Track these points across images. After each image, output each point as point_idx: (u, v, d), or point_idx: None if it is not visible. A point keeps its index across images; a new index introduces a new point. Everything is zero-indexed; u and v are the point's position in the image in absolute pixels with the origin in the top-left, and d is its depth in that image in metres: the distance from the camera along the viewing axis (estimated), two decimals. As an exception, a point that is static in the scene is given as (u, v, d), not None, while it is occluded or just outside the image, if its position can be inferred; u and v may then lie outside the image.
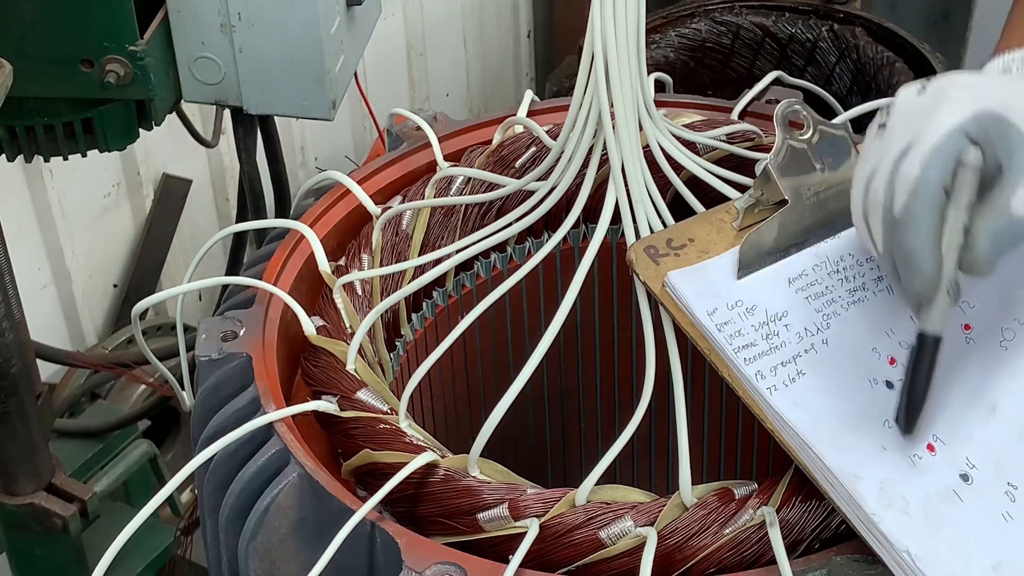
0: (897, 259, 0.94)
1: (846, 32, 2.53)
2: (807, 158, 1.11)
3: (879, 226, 0.96)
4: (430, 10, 3.14)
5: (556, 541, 1.00)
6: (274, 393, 1.09)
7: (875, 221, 0.96)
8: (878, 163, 0.97)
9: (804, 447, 0.99)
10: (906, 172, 0.94)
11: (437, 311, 1.32)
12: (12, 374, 1.59)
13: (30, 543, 1.78)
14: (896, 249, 0.94)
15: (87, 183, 2.43)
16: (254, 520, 1.02)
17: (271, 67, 1.51)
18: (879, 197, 0.95)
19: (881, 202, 0.95)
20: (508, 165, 1.31)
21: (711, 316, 1.05)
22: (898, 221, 0.94)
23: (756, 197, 1.12)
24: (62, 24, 1.43)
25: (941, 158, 0.93)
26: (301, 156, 2.94)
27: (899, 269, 0.95)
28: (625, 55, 1.10)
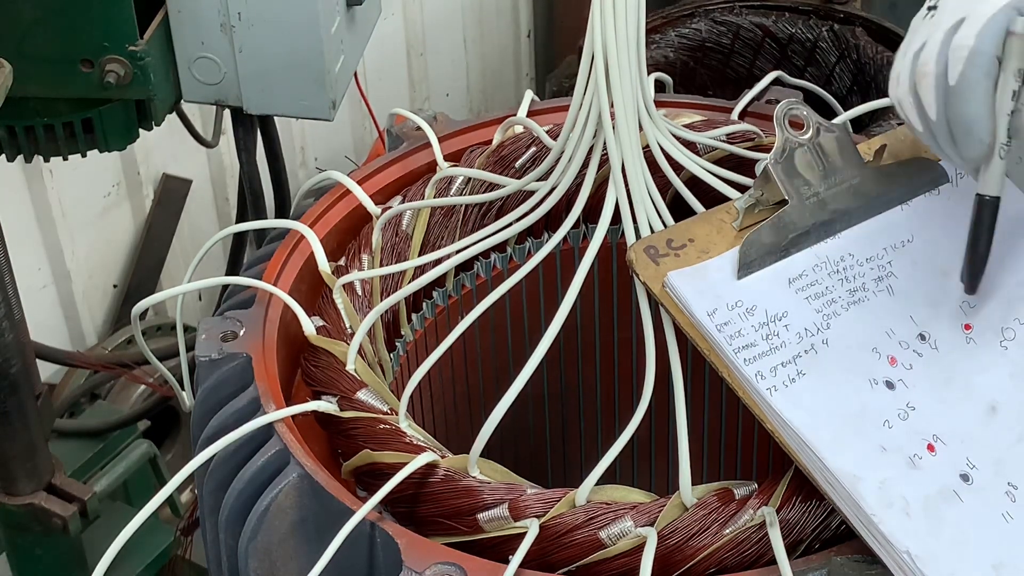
0: (954, 126, 0.99)
1: (846, 32, 2.53)
2: (807, 158, 1.11)
3: (931, 94, 0.99)
4: (430, 10, 3.14)
5: (556, 541, 1.00)
6: (274, 393, 1.09)
7: (926, 90, 1.00)
8: (928, 36, 1.01)
9: (804, 447, 0.99)
10: (960, 42, 0.98)
11: (437, 311, 1.32)
12: (12, 374, 1.60)
13: (30, 543, 1.78)
14: (953, 116, 0.99)
15: (87, 183, 2.43)
16: (254, 520, 1.02)
17: (271, 67, 1.51)
18: (931, 67, 0.99)
19: (933, 71, 0.99)
20: (508, 165, 1.31)
21: (711, 316, 1.05)
22: (954, 90, 0.98)
23: (756, 197, 1.11)
24: (62, 24, 1.43)
25: (994, 28, 0.97)
26: (301, 156, 2.94)
27: (955, 136, 0.99)
28: (625, 55, 1.10)
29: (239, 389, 1.10)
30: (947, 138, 1.00)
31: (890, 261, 1.10)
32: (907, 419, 1.01)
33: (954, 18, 1.00)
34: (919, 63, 1.01)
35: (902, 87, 1.03)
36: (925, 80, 1.00)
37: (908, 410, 1.02)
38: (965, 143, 0.99)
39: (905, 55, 1.04)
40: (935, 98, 0.99)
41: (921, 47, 1.01)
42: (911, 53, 1.03)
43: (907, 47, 1.04)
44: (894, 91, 1.05)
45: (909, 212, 1.12)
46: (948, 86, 0.98)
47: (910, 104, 1.03)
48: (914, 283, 1.09)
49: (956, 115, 0.98)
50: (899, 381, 1.03)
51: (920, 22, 1.04)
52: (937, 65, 0.99)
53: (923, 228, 1.11)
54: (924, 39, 1.02)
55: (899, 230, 1.12)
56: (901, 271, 1.09)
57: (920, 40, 1.02)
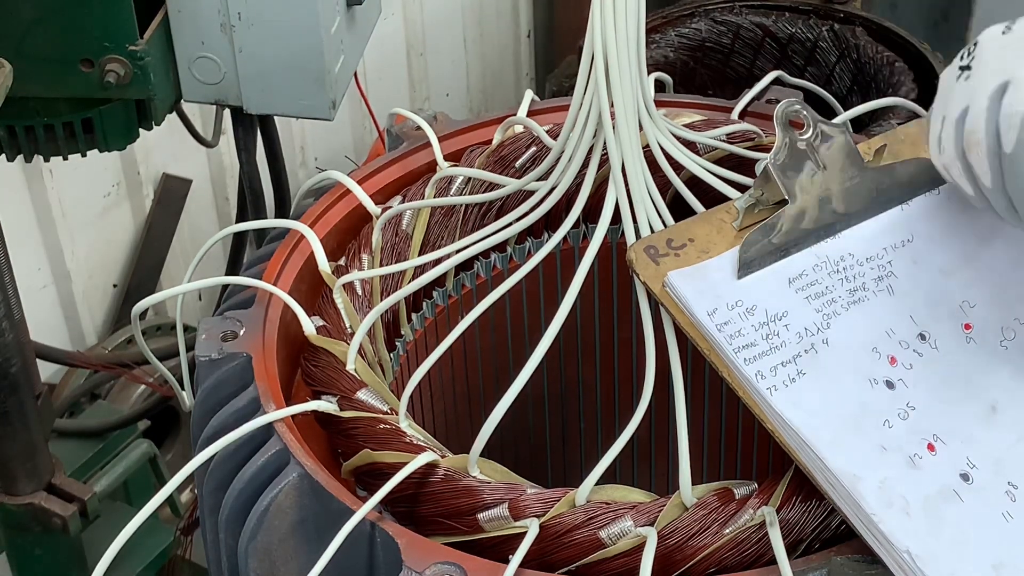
0: (1014, 194, 0.99)
1: (846, 32, 2.53)
2: (807, 158, 1.11)
3: (985, 164, 0.99)
4: (430, 10, 3.14)
5: (556, 541, 1.00)
6: (274, 393, 1.09)
7: (978, 159, 0.99)
8: (970, 102, 1.00)
9: (804, 447, 0.99)
10: (1011, 109, 0.97)
11: (437, 311, 1.32)
12: (12, 374, 1.60)
13: (30, 543, 1.78)
14: (1012, 185, 0.98)
15: (87, 183, 2.43)
16: (254, 520, 1.02)
17: (271, 67, 1.51)
18: (980, 135, 0.99)
19: (984, 140, 0.98)
20: (508, 165, 1.31)
21: (711, 316, 1.05)
22: (1011, 158, 0.97)
23: (756, 197, 1.11)
24: (62, 24, 1.43)
25: None
26: (301, 156, 2.94)
27: (1016, 203, 0.99)
28: (625, 55, 1.10)
29: (239, 389, 1.10)
30: (1007, 206, 1.00)
31: (890, 261, 1.10)
32: (907, 419, 1.01)
33: (996, 81, 0.99)
34: (967, 130, 1.00)
35: (947, 154, 1.02)
36: (977, 149, 0.99)
37: (908, 410, 1.02)
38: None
39: (945, 120, 1.03)
40: (989, 167, 0.99)
41: (963, 112, 1.00)
42: (952, 118, 1.01)
43: (944, 110, 1.03)
44: (938, 158, 1.04)
45: (909, 212, 1.12)
46: (1003, 153, 0.98)
47: (959, 171, 1.02)
48: (914, 283, 1.09)
49: (1015, 183, 0.98)
50: (899, 381, 1.03)
51: (954, 83, 1.03)
52: (987, 135, 0.98)
53: (923, 228, 1.11)
54: (966, 103, 1.00)
55: (899, 230, 1.12)
56: (901, 271, 1.09)
57: (960, 105, 1.01)
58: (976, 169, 1.00)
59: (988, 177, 0.99)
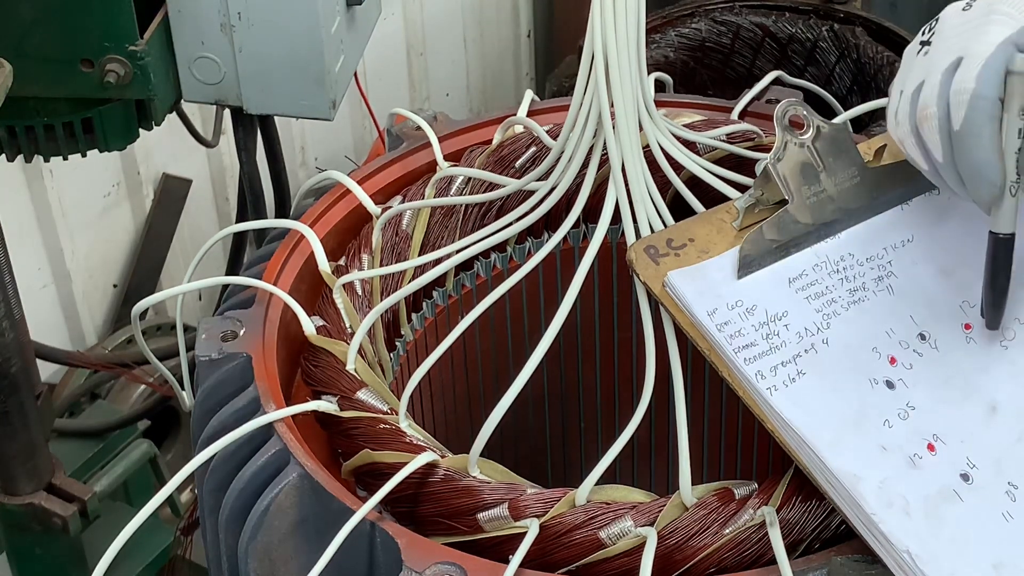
0: (963, 171, 0.98)
1: (846, 32, 2.53)
2: (807, 158, 1.11)
3: (935, 138, 0.99)
4: (430, 10, 3.14)
5: (556, 541, 1.00)
6: (274, 393, 1.09)
7: (929, 134, 1.00)
8: (926, 76, 1.00)
9: (804, 447, 0.99)
10: (961, 86, 0.97)
11: (437, 311, 1.32)
12: (12, 374, 1.60)
13: (30, 543, 1.78)
14: (961, 161, 0.98)
15: (87, 183, 2.43)
16: (254, 520, 1.02)
17: (271, 67, 1.51)
18: (932, 110, 0.99)
19: (936, 115, 0.98)
20: (508, 165, 1.31)
21: (711, 316, 1.05)
22: (959, 135, 0.97)
23: (756, 197, 1.11)
24: (62, 24, 1.43)
25: (994, 70, 0.96)
26: (301, 156, 2.94)
27: (965, 179, 0.99)
28: (625, 55, 1.10)
29: (239, 389, 1.10)
30: (956, 180, 1.00)
31: (890, 261, 1.10)
32: (907, 419, 1.01)
33: (951, 57, 0.99)
34: (920, 106, 1.00)
35: (903, 127, 1.03)
36: (928, 124, 0.99)
37: (908, 410, 1.02)
38: (975, 186, 0.98)
39: (902, 93, 1.03)
40: (940, 142, 0.99)
41: (919, 87, 1.01)
42: (909, 92, 1.02)
43: (903, 84, 1.03)
44: (894, 131, 1.05)
45: (909, 212, 1.12)
46: (952, 130, 0.98)
47: (913, 145, 1.02)
48: (914, 283, 1.09)
49: (964, 160, 0.98)
50: (899, 381, 1.03)
51: (914, 58, 1.03)
52: (939, 108, 0.98)
53: (923, 228, 1.11)
54: (921, 78, 1.01)
55: (899, 230, 1.12)
56: (901, 271, 1.09)
57: (917, 79, 1.01)
58: (928, 143, 1.00)
59: (939, 152, 0.99)
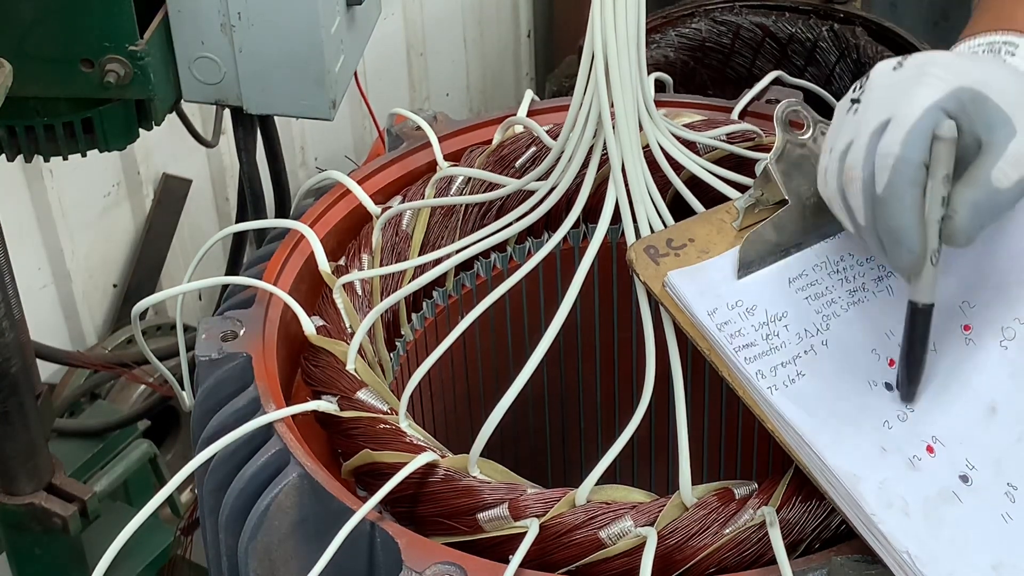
0: (883, 236, 0.97)
1: (846, 32, 2.53)
2: (807, 158, 1.11)
3: (859, 200, 0.97)
4: (430, 10, 3.14)
5: (556, 541, 1.00)
6: (274, 393, 1.09)
7: (854, 195, 0.98)
8: (854, 137, 0.99)
9: (804, 447, 0.99)
10: (886, 150, 0.95)
11: (437, 311, 1.32)
12: (12, 374, 1.60)
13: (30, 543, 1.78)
14: (882, 226, 0.96)
15: (87, 183, 2.43)
16: (254, 520, 1.02)
17: (271, 67, 1.51)
18: (857, 172, 0.97)
19: (860, 177, 0.97)
20: (508, 165, 1.31)
21: (711, 316, 1.05)
22: (881, 199, 0.96)
23: (756, 197, 1.11)
24: (62, 24, 1.43)
25: (920, 135, 0.95)
26: (301, 156, 2.94)
27: (885, 245, 0.97)
28: (625, 55, 1.10)
29: (239, 389, 1.10)
30: (877, 245, 0.98)
31: (890, 261, 1.10)
32: (906, 420, 1.01)
33: (879, 118, 0.97)
34: (846, 166, 0.98)
35: (830, 187, 1.01)
36: (852, 186, 0.97)
37: (907, 411, 1.02)
38: (895, 253, 0.96)
39: (832, 151, 1.01)
40: (863, 204, 0.97)
41: (847, 148, 0.99)
42: (838, 152, 1.00)
43: (833, 142, 1.01)
44: (823, 189, 1.03)
45: (909, 212, 1.12)
46: (875, 194, 0.96)
47: (839, 207, 1.01)
48: (914, 283, 1.09)
49: (885, 225, 0.96)
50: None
51: (844, 116, 1.01)
52: (864, 170, 0.96)
53: (923, 228, 1.11)
54: (850, 138, 0.99)
55: (899, 230, 1.11)
56: (901, 271, 1.09)
57: (846, 139, 0.99)
58: (852, 205, 0.98)
59: (861, 215, 0.97)
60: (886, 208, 0.95)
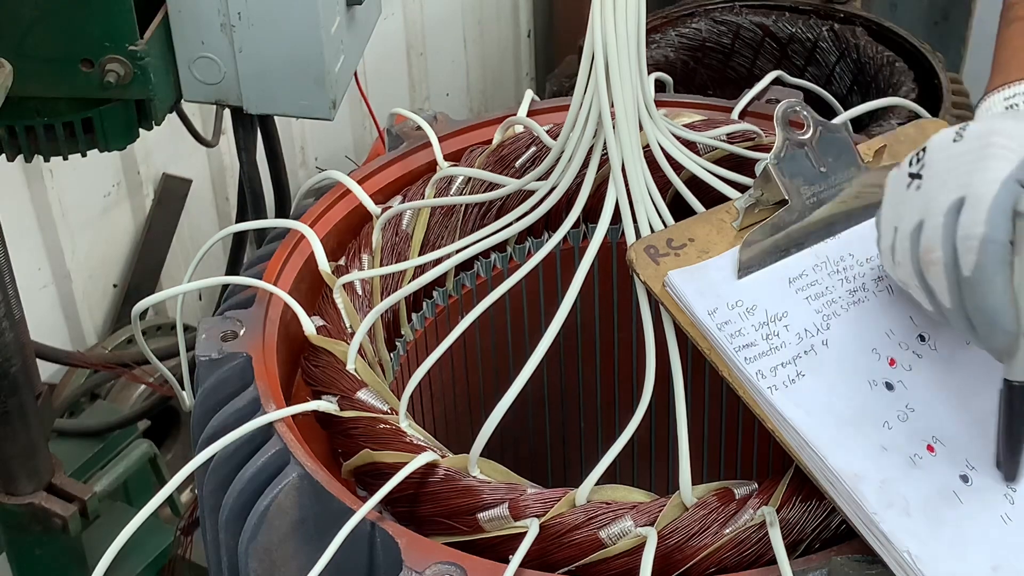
0: (974, 317, 0.94)
1: (846, 32, 2.53)
2: (807, 158, 1.11)
3: (943, 284, 0.95)
4: (430, 10, 3.14)
5: (556, 541, 1.00)
6: (274, 393, 1.09)
7: (935, 278, 0.95)
8: (924, 216, 0.96)
9: (804, 447, 0.99)
10: (968, 231, 0.92)
11: (437, 311, 1.32)
12: (12, 374, 1.60)
13: (30, 543, 1.78)
14: (972, 308, 0.94)
15: (87, 183, 2.42)
16: (254, 520, 1.02)
17: (271, 67, 1.51)
18: (937, 254, 0.94)
19: (942, 260, 0.94)
20: (508, 165, 1.31)
21: (711, 316, 1.05)
22: (970, 281, 0.93)
23: (756, 197, 1.11)
24: (62, 24, 1.43)
25: (1002, 212, 0.91)
26: (301, 156, 2.94)
27: (977, 327, 0.94)
28: (625, 55, 1.10)
29: (239, 389, 1.10)
30: (967, 327, 0.95)
31: (890, 261, 1.10)
32: (907, 420, 1.01)
33: (951, 196, 0.94)
34: (923, 249, 0.95)
35: (904, 269, 0.98)
36: (933, 268, 0.95)
37: (908, 411, 1.02)
38: (989, 334, 0.94)
39: (898, 231, 0.98)
40: (947, 288, 0.94)
41: (917, 226, 0.96)
42: (906, 231, 0.97)
43: (897, 219, 0.99)
44: (892, 270, 1.01)
45: (909, 212, 1.12)
46: (961, 276, 0.93)
47: (917, 288, 0.98)
48: (914, 283, 1.08)
49: (976, 307, 0.93)
50: (899, 382, 1.03)
51: (904, 191, 0.99)
52: (945, 253, 0.94)
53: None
54: (919, 217, 0.96)
55: (899, 230, 1.11)
56: (901, 271, 1.09)
57: (914, 217, 0.97)
58: (934, 288, 0.96)
59: (947, 298, 0.95)
60: (976, 290, 0.93)
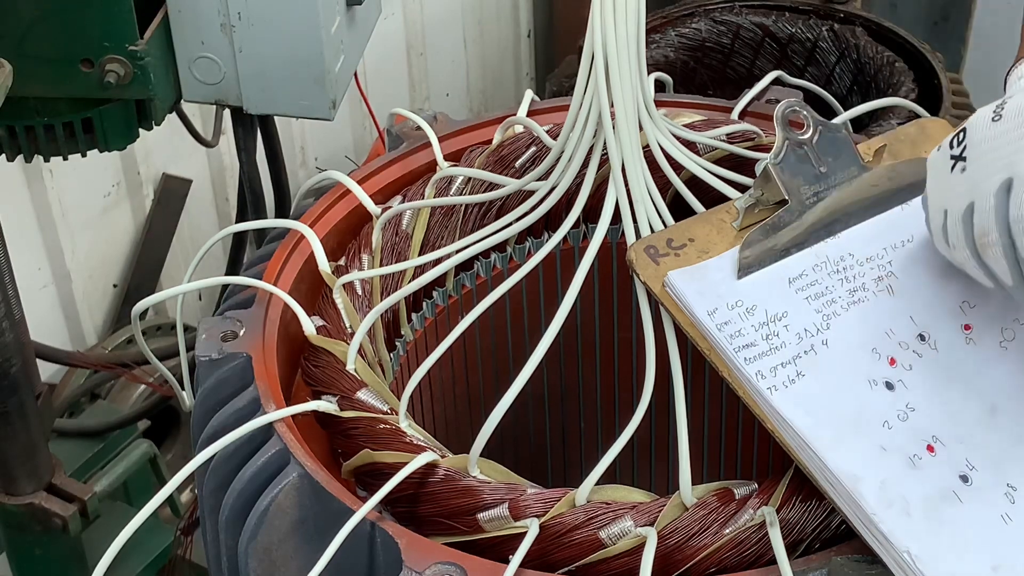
0: None
1: (846, 32, 2.53)
2: (807, 158, 1.11)
3: (1003, 266, 0.96)
4: (430, 10, 3.14)
5: (556, 541, 1.00)
6: (274, 393, 1.09)
7: (995, 260, 0.96)
8: (974, 199, 0.97)
9: (804, 447, 0.99)
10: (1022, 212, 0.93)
11: (437, 311, 1.32)
12: (12, 374, 1.60)
13: (30, 543, 1.78)
14: None
15: (87, 183, 2.43)
16: (254, 520, 1.02)
17: (271, 67, 1.51)
18: (994, 237, 0.95)
19: (999, 241, 0.95)
20: (508, 165, 1.31)
21: (711, 316, 1.05)
22: None
23: (756, 197, 1.11)
24: (62, 24, 1.43)
25: None
26: (301, 156, 2.94)
27: None
28: (625, 55, 1.10)
29: (239, 389, 1.10)
30: None
31: (890, 261, 1.10)
32: (907, 420, 1.01)
33: (999, 177, 0.95)
34: (977, 232, 0.97)
35: (960, 252, 1.00)
36: (991, 250, 0.96)
37: (908, 411, 1.02)
38: None
39: (948, 214, 1.00)
40: (1009, 268, 0.96)
41: (968, 209, 0.97)
42: (958, 214, 0.98)
43: (945, 202, 1.00)
44: (948, 253, 1.02)
45: (909, 212, 1.12)
46: (1020, 256, 0.95)
47: (976, 268, 0.99)
48: (914, 283, 1.09)
49: None
50: (899, 382, 1.03)
51: (949, 174, 1.00)
52: (1001, 236, 0.95)
53: (923, 228, 1.11)
54: (968, 199, 0.97)
55: (899, 230, 1.11)
56: (901, 271, 1.09)
57: (963, 200, 0.98)
58: (994, 269, 0.98)
59: (1008, 277, 0.96)
60: None
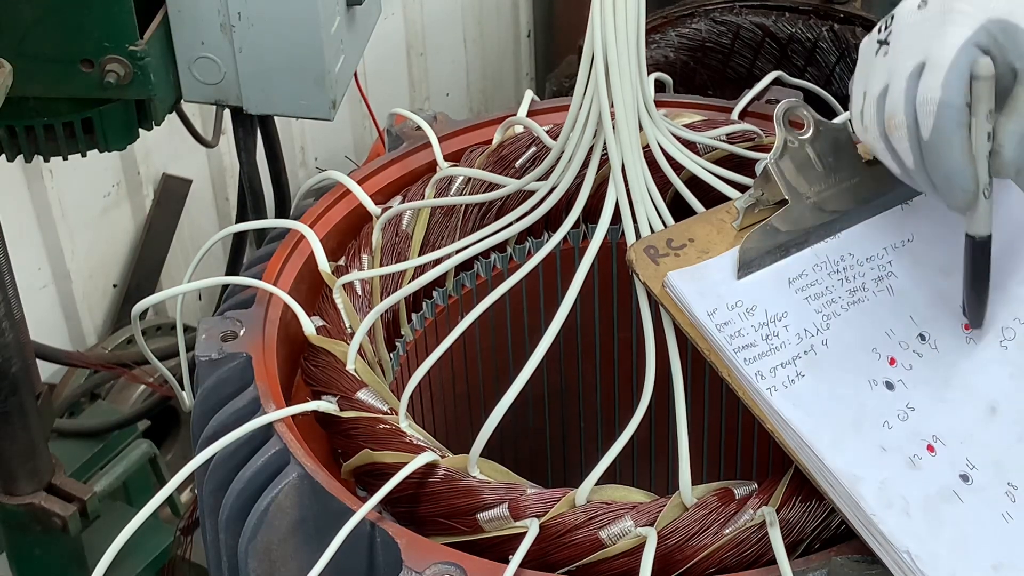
0: (934, 177, 0.98)
1: (846, 32, 2.53)
2: (807, 158, 1.11)
3: (905, 146, 0.99)
4: (430, 10, 3.15)
5: (556, 541, 1.00)
6: (274, 393, 1.09)
7: (899, 141, 0.99)
8: (889, 81, 0.99)
9: (804, 447, 0.99)
10: (927, 95, 0.96)
11: (437, 311, 1.32)
12: (12, 374, 1.60)
13: (30, 543, 1.78)
14: (932, 169, 0.98)
15: (87, 183, 2.43)
16: (254, 520, 1.02)
17: (271, 67, 1.51)
18: (900, 118, 0.98)
19: (904, 123, 0.98)
20: (508, 165, 1.31)
21: (711, 316, 1.05)
22: (929, 144, 0.97)
23: (756, 197, 1.11)
24: (62, 24, 1.43)
25: (958, 76, 0.95)
26: (301, 156, 2.94)
27: (938, 186, 0.98)
28: (625, 55, 1.10)
29: (239, 389, 1.10)
30: (928, 186, 1.00)
31: (890, 261, 1.10)
32: (907, 420, 1.01)
33: (912, 60, 0.98)
34: (887, 114, 0.99)
35: (871, 133, 1.02)
36: (897, 132, 0.99)
37: (908, 411, 1.02)
38: (948, 192, 0.98)
39: (866, 95, 1.02)
40: (910, 150, 0.98)
41: (883, 91, 1.00)
42: (874, 96, 1.01)
43: (865, 84, 1.03)
44: (862, 134, 1.04)
45: (909, 212, 1.12)
46: (922, 139, 0.97)
47: (883, 151, 1.02)
48: (914, 283, 1.09)
49: (935, 168, 0.97)
50: (899, 382, 1.03)
51: (873, 57, 1.02)
52: (907, 117, 0.98)
53: (923, 228, 1.12)
54: (885, 82, 1.00)
55: (899, 230, 1.12)
56: (901, 271, 1.09)
57: (880, 82, 1.00)
58: (898, 151, 1.00)
59: (910, 159, 0.99)
60: (935, 152, 0.97)
